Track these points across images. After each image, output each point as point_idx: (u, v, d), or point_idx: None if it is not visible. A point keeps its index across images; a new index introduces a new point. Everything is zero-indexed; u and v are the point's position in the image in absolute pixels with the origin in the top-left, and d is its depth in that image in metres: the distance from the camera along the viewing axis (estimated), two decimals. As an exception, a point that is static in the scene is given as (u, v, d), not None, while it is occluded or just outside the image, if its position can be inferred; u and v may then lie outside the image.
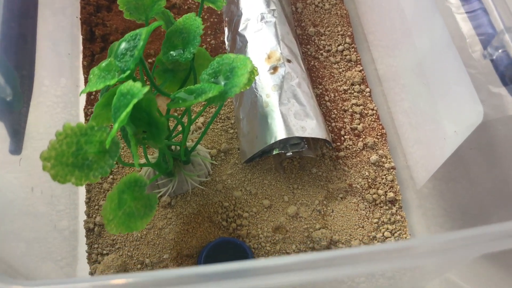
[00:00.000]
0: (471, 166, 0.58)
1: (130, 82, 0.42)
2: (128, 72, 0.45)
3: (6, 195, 0.58)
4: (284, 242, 0.61)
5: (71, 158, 0.42)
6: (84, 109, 0.69)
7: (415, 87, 0.66)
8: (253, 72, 0.55)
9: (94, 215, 0.62)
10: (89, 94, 0.70)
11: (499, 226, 0.35)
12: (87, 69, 0.71)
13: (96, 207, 0.63)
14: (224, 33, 0.76)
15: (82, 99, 0.70)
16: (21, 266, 0.56)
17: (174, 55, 0.55)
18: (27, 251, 0.57)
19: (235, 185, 0.64)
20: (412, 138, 0.67)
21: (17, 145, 0.53)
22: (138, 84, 0.42)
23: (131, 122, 0.47)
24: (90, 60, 0.72)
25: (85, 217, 0.62)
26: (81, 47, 0.73)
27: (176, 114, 0.68)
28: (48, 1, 0.71)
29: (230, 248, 0.59)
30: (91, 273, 0.58)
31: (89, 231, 0.61)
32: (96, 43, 0.72)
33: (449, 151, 0.56)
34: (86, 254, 0.60)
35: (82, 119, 0.69)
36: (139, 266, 0.59)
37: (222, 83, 0.50)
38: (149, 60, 0.73)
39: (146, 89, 0.41)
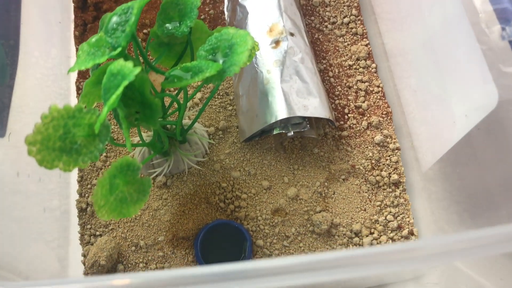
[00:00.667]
0: (480, 150, 0.55)
1: (121, 61, 0.39)
2: (119, 49, 0.42)
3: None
4: (284, 225, 0.59)
5: (58, 142, 0.40)
6: (76, 82, 0.66)
7: (423, 63, 0.63)
8: (253, 48, 0.52)
9: (86, 195, 0.60)
10: (81, 66, 0.66)
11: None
12: (79, 40, 0.68)
13: (89, 186, 0.60)
14: (223, 2, 0.72)
15: (74, 71, 0.67)
16: (11, 247, 0.54)
17: (170, 28, 0.51)
18: (18, 231, 0.55)
19: (234, 165, 0.62)
20: (419, 118, 0.64)
21: (0, 126, 0.50)
22: (129, 64, 0.39)
23: (123, 103, 0.44)
24: (82, 30, 0.68)
25: (77, 197, 0.60)
26: (72, 16, 0.69)
27: (172, 89, 0.65)
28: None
29: (228, 231, 0.57)
30: (84, 255, 0.57)
31: (81, 211, 0.59)
32: (88, 12, 0.68)
33: (458, 135, 0.53)
34: (79, 235, 0.58)
35: (73, 93, 0.65)
36: (133, 248, 0.57)
37: (221, 60, 0.47)
38: (144, 31, 0.69)
39: (138, 70, 0.38)
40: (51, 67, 0.64)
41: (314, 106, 0.59)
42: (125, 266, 0.56)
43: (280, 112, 0.58)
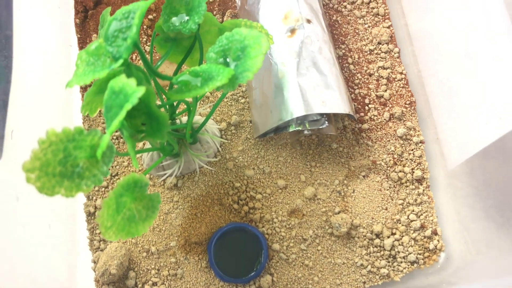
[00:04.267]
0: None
1: (123, 78, 0.35)
2: (121, 61, 0.38)
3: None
4: (301, 227, 0.56)
5: (59, 167, 0.36)
6: (78, 75, 0.62)
7: (452, 48, 0.58)
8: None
9: (94, 198, 0.57)
10: (83, 57, 0.62)
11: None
12: (79, 28, 0.63)
13: (96, 188, 0.58)
14: (234, -17, 0.66)
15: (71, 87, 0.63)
16: (18, 252, 0.52)
17: (177, 24, 0.47)
18: (24, 235, 0.53)
19: (247, 163, 0.58)
20: (446, 108, 0.59)
21: None
22: (132, 83, 0.35)
23: (127, 114, 0.40)
24: (83, 16, 0.63)
25: (84, 200, 0.58)
26: (72, 1, 0.64)
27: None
28: None
29: (242, 235, 0.55)
30: (94, 262, 0.55)
31: (89, 215, 0.57)
32: (88, -4, 0.64)
33: (490, 138, 0.49)
34: (88, 240, 0.56)
35: (76, 86, 0.62)
36: (144, 254, 0.55)
37: (232, 65, 0.43)
38: (149, 17, 0.64)
39: (142, 91, 0.34)
40: (51, 60, 0.60)
41: (333, 100, 0.55)
42: (136, 273, 0.54)
43: (296, 109, 0.54)
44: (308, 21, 0.57)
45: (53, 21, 0.63)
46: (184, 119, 0.58)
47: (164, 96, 0.51)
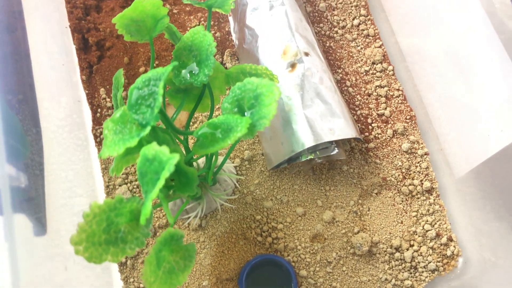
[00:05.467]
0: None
1: (155, 146, 0.38)
2: (149, 128, 0.40)
3: (26, 236, 0.55)
4: (324, 250, 0.59)
5: (103, 235, 0.39)
6: (92, 130, 0.64)
7: (444, 59, 0.61)
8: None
9: (123, 247, 0.59)
10: (94, 112, 0.64)
11: None
12: (86, 84, 0.65)
13: (124, 237, 0.60)
14: (229, 22, 0.69)
15: (88, 115, 0.65)
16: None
17: (188, 78, 0.49)
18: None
19: (265, 195, 0.61)
20: (446, 119, 0.62)
21: (41, 227, 0.49)
22: (165, 150, 0.37)
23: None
24: (89, 72, 0.65)
25: (114, 251, 0.60)
26: (76, 59, 0.66)
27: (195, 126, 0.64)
28: (31, 7, 0.64)
29: (270, 265, 0.57)
30: (132, 310, 0.57)
31: (121, 265, 0.59)
32: (91, 53, 0.66)
33: (493, 149, 0.52)
34: (123, 290, 0.58)
35: (92, 141, 0.64)
36: (179, 296, 0.57)
37: (247, 113, 0.45)
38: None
39: (176, 158, 0.36)
40: (64, 117, 0.62)
41: (340, 127, 0.57)
42: (174, 316, 0.56)
43: (306, 139, 0.56)
44: (306, 54, 0.60)
45: (61, 81, 0.65)
46: (199, 161, 0.60)
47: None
